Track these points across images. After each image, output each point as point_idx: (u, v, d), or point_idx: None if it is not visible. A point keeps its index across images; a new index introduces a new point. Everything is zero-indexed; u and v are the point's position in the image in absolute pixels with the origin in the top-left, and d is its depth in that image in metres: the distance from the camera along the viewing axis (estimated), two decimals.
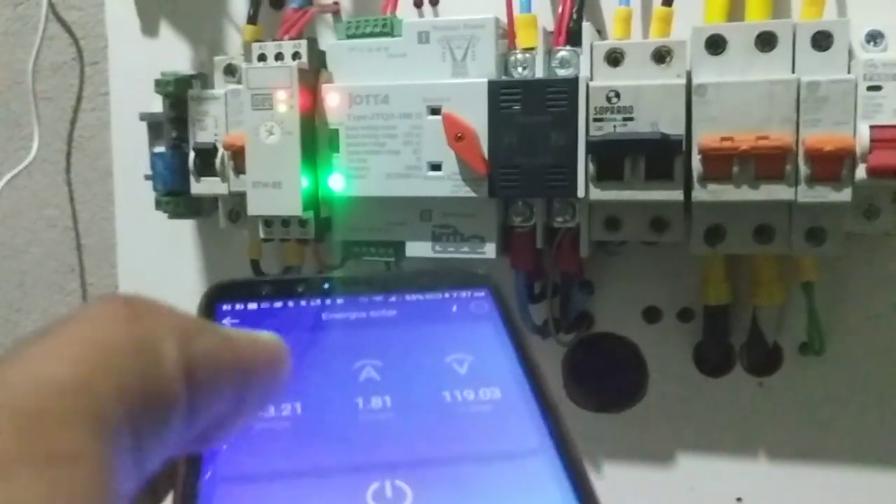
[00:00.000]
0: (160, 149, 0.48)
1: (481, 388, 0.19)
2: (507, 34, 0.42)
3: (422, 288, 0.22)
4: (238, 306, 0.21)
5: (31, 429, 0.11)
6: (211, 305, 0.20)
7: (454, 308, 0.21)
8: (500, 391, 0.19)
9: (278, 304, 0.21)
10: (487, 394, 0.18)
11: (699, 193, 0.38)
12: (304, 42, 0.42)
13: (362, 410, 0.18)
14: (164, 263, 0.54)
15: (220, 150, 0.44)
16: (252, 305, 0.21)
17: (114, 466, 0.12)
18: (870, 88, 0.36)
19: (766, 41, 0.38)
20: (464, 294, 0.22)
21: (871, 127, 0.36)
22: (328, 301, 0.21)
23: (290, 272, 0.48)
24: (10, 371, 0.12)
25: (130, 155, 0.53)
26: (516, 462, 0.17)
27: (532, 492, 0.16)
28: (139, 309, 0.14)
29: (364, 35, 0.42)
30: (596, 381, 0.47)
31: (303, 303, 0.21)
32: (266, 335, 0.16)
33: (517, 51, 0.41)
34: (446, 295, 0.22)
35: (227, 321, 0.20)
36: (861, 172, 0.37)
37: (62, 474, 0.11)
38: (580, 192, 0.40)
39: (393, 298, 0.21)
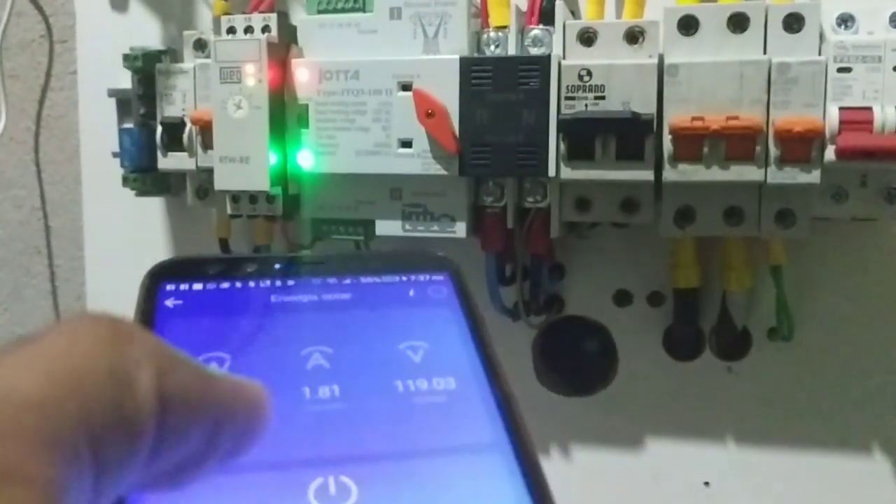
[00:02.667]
0: (129, 125, 0.48)
1: (435, 377, 0.18)
2: (479, 13, 0.41)
3: (378, 271, 0.21)
4: (183, 286, 0.19)
5: None
6: (154, 285, 0.19)
7: (411, 292, 0.20)
8: (454, 381, 0.18)
9: (225, 285, 0.20)
10: (441, 384, 0.18)
11: (669, 174, 0.38)
12: (273, 16, 0.42)
13: (308, 400, 0.17)
14: (131, 244, 0.53)
15: (188, 125, 0.44)
16: (197, 286, 0.20)
17: (67, 492, 0.11)
18: (839, 70, 0.37)
19: (738, 23, 0.38)
20: (422, 278, 0.21)
21: (841, 109, 0.36)
22: (279, 283, 0.20)
23: (259, 252, 0.47)
24: None
25: (99, 133, 0.52)
26: (469, 457, 0.16)
27: (485, 488, 0.15)
28: (120, 333, 0.13)
29: (335, 10, 0.42)
30: (566, 365, 0.47)
31: (251, 284, 0.20)
32: (249, 381, 0.15)
33: (490, 29, 0.41)
34: (404, 278, 0.21)
35: (170, 302, 0.19)
36: (830, 154, 0.37)
37: (9, 493, 0.10)
38: (551, 172, 0.39)
39: (347, 281, 0.20)
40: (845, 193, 0.39)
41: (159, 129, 0.45)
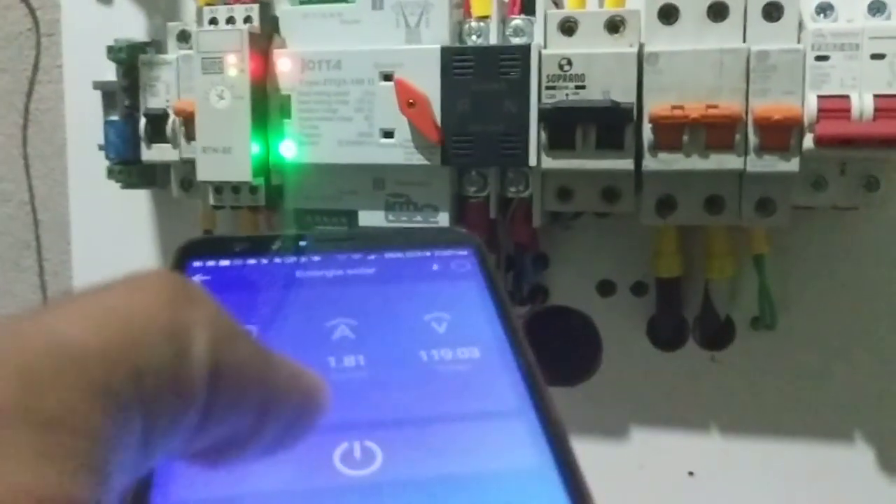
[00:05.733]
0: (114, 118, 0.48)
1: (459, 347, 0.18)
2: (461, 2, 0.41)
3: (402, 246, 0.21)
4: (210, 263, 0.20)
5: (36, 388, 0.11)
6: (182, 262, 0.19)
7: (435, 267, 0.21)
8: (478, 351, 0.18)
9: (252, 262, 0.20)
10: (466, 353, 0.18)
11: (650, 163, 0.39)
12: (256, 7, 0.42)
13: (334, 369, 0.17)
14: (118, 236, 0.53)
15: (172, 116, 0.44)
16: (225, 262, 0.20)
17: (112, 445, 0.11)
18: (818, 58, 0.37)
19: (717, 11, 0.38)
20: (445, 253, 0.21)
21: (819, 97, 0.36)
22: (304, 259, 0.20)
23: None
24: (37, 324, 0.12)
25: (85, 126, 0.52)
26: (493, 423, 0.16)
27: (508, 453, 0.16)
28: (185, 295, 0.13)
29: (318, 1, 0.42)
30: (550, 355, 0.47)
31: (277, 260, 0.20)
32: (310, 372, 0.15)
33: (471, 19, 0.41)
34: (427, 253, 0.21)
35: (198, 278, 0.19)
36: (808, 142, 0.37)
37: (55, 440, 0.11)
38: (532, 161, 0.39)
39: (371, 256, 0.21)
40: (825, 182, 0.39)
41: (143, 120, 0.45)
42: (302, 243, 0.21)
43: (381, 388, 0.17)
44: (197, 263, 0.20)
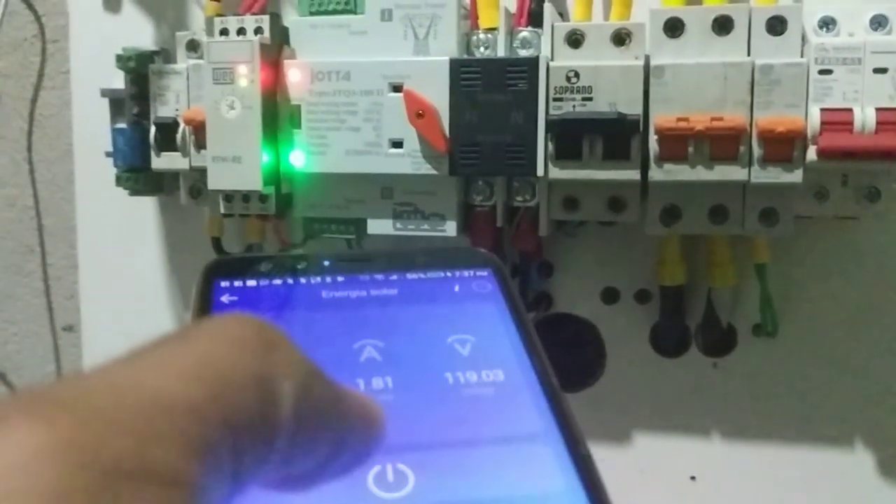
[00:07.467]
0: (122, 125, 0.48)
1: (484, 369, 0.18)
2: (469, 14, 0.42)
3: (424, 267, 0.22)
4: (237, 283, 0.20)
5: (147, 445, 0.11)
6: (209, 282, 0.20)
7: (456, 287, 0.21)
8: (503, 373, 0.18)
9: (278, 282, 0.20)
10: (490, 376, 0.18)
11: (655, 173, 0.39)
12: (266, 17, 0.42)
13: (363, 392, 0.18)
14: (124, 242, 0.54)
15: (181, 125, 0.44)
16: (251, 283, 0.20)
17: (207, 492, 0.12)
18: (821, 72, 0.37)
19: (722, 25, 0.39)
20: (466, 273, 0.21)
21: (822, 110, 0.37)
22: (329, 279, 0.21)
23: (251, 250, 0.48)
24: (138, 380, 0.12)
25: (92, 133, 0.52)
26: (521, 446, 0.17)
27: (537, 476, 0.16)
28: (268, 342, 0.14)
29: (327, 12, 0.42)
30: (554, 361, 0.47)
31: (303, 281, 0.21)
32: (370, 400, 0.16)
33: (479, 31, 0.41)
34: (448, 274, 0.21)
35: (225, 298, 0.20)
36: (811, 154, 0.37)
37: (166, 494, 0.11)
38: (539, 171, 0.40)
39: (394, 277, 0.21)
40: (827, 192, 0.40)
41: (153, 129, 0.45)
42: (325, 263, 0.21)
43: (411, 410, 0.17)
44: (224, 283, 0.20)
